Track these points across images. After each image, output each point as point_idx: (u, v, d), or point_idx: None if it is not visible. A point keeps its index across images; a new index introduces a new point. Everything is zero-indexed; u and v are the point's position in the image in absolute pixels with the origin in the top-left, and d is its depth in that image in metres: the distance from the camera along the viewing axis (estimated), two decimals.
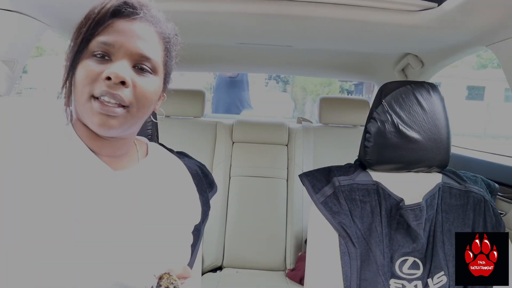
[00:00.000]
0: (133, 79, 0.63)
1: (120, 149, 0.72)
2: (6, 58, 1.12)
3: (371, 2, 1.10)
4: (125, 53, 0.62)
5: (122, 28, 0.62)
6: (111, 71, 0.60)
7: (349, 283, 1.03)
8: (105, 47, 0.61)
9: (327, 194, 1.10)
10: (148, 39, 0.65)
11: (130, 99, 0.63)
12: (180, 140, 2.02)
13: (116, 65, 0.61)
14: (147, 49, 0.64)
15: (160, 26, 0.68)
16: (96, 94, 0.61)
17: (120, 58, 0.62)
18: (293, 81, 13.66)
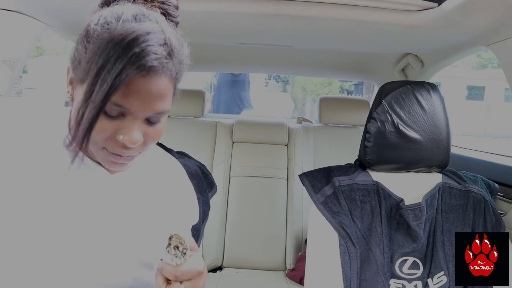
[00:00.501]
0: (145, 131, 0.61)
1: None
2: (6, 58, 1.12)
3: (371, 2, 1.10)
4: (140, 113, 0.58)
5: (138, 88, 0.55)
6: (127, 139, 0.58)
7: (349, 283, 1.03)
8: (120, 109, 0.57)
9: (327, 194, 1.10)
10: (163, 94, 0.59)
11: (142, 148, 0.62)
12: (180, 140, 2.02)
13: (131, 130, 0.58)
14: (161, 105, 0.59)
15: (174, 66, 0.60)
16: (108, 150, 0.60)
17: (134, 118, 0.58)
18: (293, 81, 13.67)
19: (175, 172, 0.85)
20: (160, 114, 0.60)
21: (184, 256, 0.58)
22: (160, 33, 0.56)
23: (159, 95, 0.58)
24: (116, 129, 0.58)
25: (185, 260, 0.58)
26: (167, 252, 0.57)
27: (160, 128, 0.63)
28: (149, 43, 0.53)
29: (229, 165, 2.11)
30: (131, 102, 0.56)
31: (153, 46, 0.54)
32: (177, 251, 0.58)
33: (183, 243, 0.58)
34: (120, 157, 0.61)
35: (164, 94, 0.59)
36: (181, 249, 0.58)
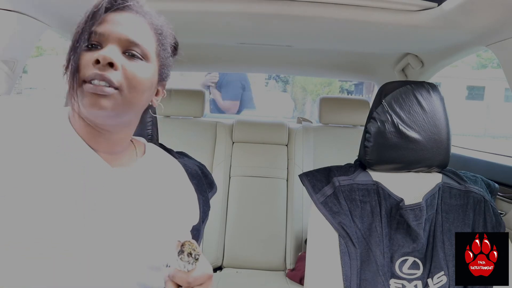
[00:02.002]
0: (123, 64, 0.64)
1: (117, 144, 0.72)
2: (6, 58, 1.12)
3: (371, 2, 1.10)
4: (113, 39, 0.64)
5: (112, 19, 0.65)
6: (100, 53, 0.62)
7: (349, 283, 1.03)
8: (96, 37, 0.64)
9: (327, 194, 1.10)
10: (137, 27, 0.67)
11: (120, 81, 0.64)
12: (180, 140, 2.02)
13: (104, 49, 0.63)
14: (136, 35, 0.66)
15: (151, 17, 0.70)
16: (87, 78, 0.62)
17: (109, 43, 0.64)
18: (293, 81, 13.66)
19: (176, 172, 0.85)
20: (136, 46, 0.66)
21: (196, 262, 0.58)
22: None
23: (133, 25, 0.66)
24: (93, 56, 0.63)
25: (196, 266, 0.58)
26: (180, 259, 0.58)
27: (138, 70, 0.66)
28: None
29: (229, 165, 2.11)
30: (104, 28, 0.64)
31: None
32: (190, 258, 0.58)
33: (195, 249, 0.58)
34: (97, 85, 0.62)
35: (139, 27, 0.67)
36: (194, 255, 0.58)
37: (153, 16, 0.71)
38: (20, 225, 0.59)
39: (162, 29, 0.72)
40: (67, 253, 0.61)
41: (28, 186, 0.60)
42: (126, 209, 0.69)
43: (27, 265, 0.59)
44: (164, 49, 0.73)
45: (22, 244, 0.59)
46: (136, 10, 0.68)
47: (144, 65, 0.67)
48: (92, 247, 0.63)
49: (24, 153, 0.62)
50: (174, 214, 0.78)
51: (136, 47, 0.66)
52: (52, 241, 0.60)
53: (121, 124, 0.70)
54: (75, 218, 0.63)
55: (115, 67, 0.63)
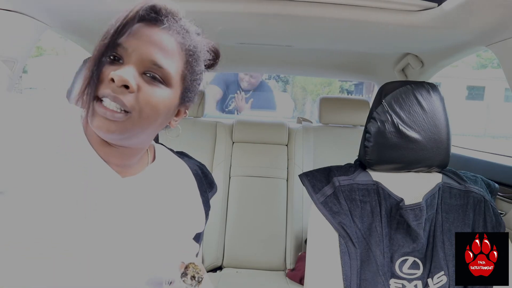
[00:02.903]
0: (139, 85, 0.61)
1: (129, 158, 0.70)
2: (6, 58, 1.12)
3: (371, 2, 1.09)
4: (136, 58, 0.60)
5: (140, 33, 0.61)
6: (116, 73, 0.58)
7: (349, 283, 1.03)
8: (119, 49, 0.60)
9: (327, 194, 1.10)
10: (165, 48, 0.62)
11: (132, 104, 0.60)
12: (180, 140, 2.00)
13: (123, 69, 0.59)
14: (161, 57, 0.61)
15: (184, 37, 0.65)
16: (99, 95, 0.60)
17: (131, 63, 0.60)
18: (293, 81, 13.66)
19: (185, 179, 0.84)
20: (157, 69, 0.61)
21: (199, 285, 0.58)
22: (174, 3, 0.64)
23: (160, 45, 0.61)
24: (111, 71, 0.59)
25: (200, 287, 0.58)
26: (183, 281, 0.57)
27: (156, 95, 0.62)
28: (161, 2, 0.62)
29: (229, 165, 2.11)
30: (130, 41, 0.60)
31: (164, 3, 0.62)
32: (193, 281, 0.58)
33: (199, 272, 0.58)
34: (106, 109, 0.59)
35: (166, 49, 0.62)
36: (197, 278, 0.58)
37: (186, 35, 0.65)
38: (20, 225, 0.59)
39: (196, 51, 0.67)
40: (67, 253, 0.61)
41: (30, 186, 0.60)
42: (130, 214, 0.68)
43: (27, 265, 0.59)
44: (192, 72, 0.68)
45: (22, 244, 0.58)
46: (169, 27, 0.63)
47: (164, 90, 0.63)
48: (93, 248, 0.63)
49: (30, 153, 0.61)
50: (179, 222, 0.77)
51: (158, 69, 0.62)
52: (52, 241, 0.60)
53: (132, 144, 0.67)
54: (76, 219, 0.63)
55: (130, 89, 0.59)
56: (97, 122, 0.60)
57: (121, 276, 0.65)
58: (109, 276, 0.64)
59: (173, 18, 0.64)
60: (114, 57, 0.61)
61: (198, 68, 0.69)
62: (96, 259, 0.63)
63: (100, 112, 0.60)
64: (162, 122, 0.68)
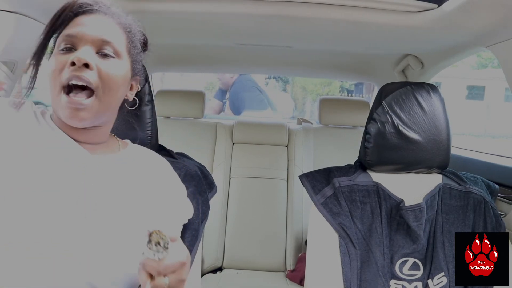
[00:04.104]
0: (97, 64, 0.68)
1: (96, 136, 0.76)
2: (6, 59, 1.12)
3: (371, 3, 1.10)
4: (87, 40, 0.68)
5: (83, 21, 0.69)
6: (74, 55, 0.66)
7: (349, 284, 1.03)
8: (69, 39, 0.68)
9: (327, 195, 1.10)
10: (107, 27, 0.71)
11: (96, 81, 0.67)
12: (180, 141, 2.02)
13: (79, 51, 0.67)
14: (106, 34, 0.70)
15: (119, 17, 0.75)
16: (64, 80, 0.66)
17: (83, 45, 0.68)
18: (293, 81, 13.66)
19: (160, 165, 0.86)
20: (108, 44, 0.69)
21: (166, 250, 0.57)
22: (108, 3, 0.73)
23: (104, 26, 0.70)
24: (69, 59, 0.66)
25: (168, 253, 0.58)
26: (149, 248, 0.57)
27: (111, 68, 0.70)
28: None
29: (229, 166, 2.11)
30: (77, 30, 0.68)
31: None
32: (158, 247, 0.57)
33: (163, 238, 0.57)
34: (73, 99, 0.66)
35: (109, 27, 0.71)
36: (162, 244, 0.57)
37: (121, 15, 0.76)
38: (20, 225, 0.59)
39: (131, 27, 0.76)
40: (67, 253, 0.61)
41: (25, 185, 0.61)
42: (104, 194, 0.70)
43: (27, 265, 0.59)
44: (134, 46, 0.77)
45: (22, 244, 0.59)
46: (104, 12, 0.73)
47: (117, 62, 0.71)
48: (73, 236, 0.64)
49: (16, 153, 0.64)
50: (159, 206, 0.78)
51: (108, 45, 0.70)
52: (52, 241, 0.60)
53: (100, 122, 0.74)
54: (75, 218, 0.64)
55: (90, 67, 0.66)
56: (68, 113, 0.67)
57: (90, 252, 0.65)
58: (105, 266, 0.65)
59: (104, 5, 0.73)
60: (66, 48, 0.68)
61: (137, 42, 0.78)
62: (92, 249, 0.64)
63: (68, 103, 0.66)
64: (121, 95, 0.76)
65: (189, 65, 2.26)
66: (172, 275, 0.58)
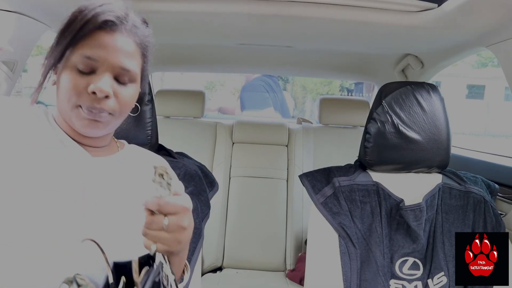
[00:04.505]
0: (115, 90, 0.68)
1: (101, 140, 0.77)
2: (6, 59, 1.12)
3: (372, 3, 1.10)
4: (108, 67, 0.66)
5: (104, 42, 0.66)
6: (96, 87, 0.64)
7: (349, 284, 1.03)
8: (89, 61, 0.65)
9: (327, 194, 1.10)
10: (128, 52, 0.69)
11: (114, 108, 0.68)
12: (180, 140, 2.02)
13: (100, 80, 0.65)
14: (128, 62, 0.68)
15: (138, 35, 0.72)
16: (83, 105, 0.66)
17: (103, 72, 0.66)
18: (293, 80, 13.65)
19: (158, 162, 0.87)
20: (127, 72, 0.68)
21: (169, 187, 0.57)
22: (122, 5, 0.68)
23: (125, 51, 0.68)
24: (88, 83, 0.65)
25: (170, 192, 0.58)
26: (152, 181, 0.57)
27: (129, 94, 0.70)
28: (110, 6, 0.66)
29: (229, 166, 2.11)
30: (98, 54, 0.65)
31: (112, 5, 0.66)
32: (162, 180, 0.57)
33: (167, 172, 0.58)
34: (92, 112, 0.66)
35: (129, 52, 0.69)
36: (166, 178, 0.57)
37: (140, 31, 0.72)
38: (19, 225, 0.59)
39: (148, 43, 0.75)
40: (67, 253, 0.61)
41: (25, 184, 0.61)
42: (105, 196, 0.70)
43: (27, 265, 0.59)
44: (147, 62, 0.77)
45: (22, 244, 0.59)
46: (126, 29, 0.69)
47: (132, 87, 0.72)
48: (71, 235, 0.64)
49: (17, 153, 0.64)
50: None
51: (127, 73, 0.69)
52: (52, 240, 0.60)
53: (107, 132, 0.75)
54: (74, 217, 0.64)
55: (109, 97, 0.67)
56: (86, 123, 0.67)
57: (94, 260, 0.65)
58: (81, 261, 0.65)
59: (125, 20, 0.69)
60: (85, 71, 0.66)
61: (150, 56, 0.77)
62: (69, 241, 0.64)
63: (87, 115, 0.67)
64: None
65: (189, 65, 2.26)
66: (172, 217, 0.58)
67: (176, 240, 0.59)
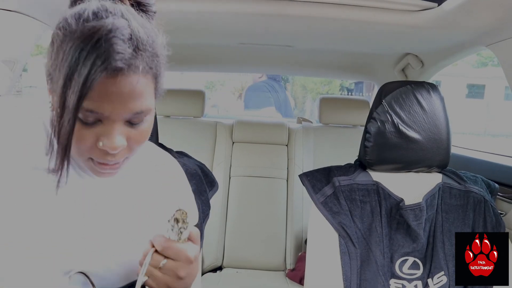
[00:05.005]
0: (129, 134, 0.58)
1: None
2: (6, 58, 1.12)
3: (372, 2, 1.09)
4: (116, 117, 0.55)
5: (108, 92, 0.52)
6: (106, 144, 0.55)
7: (349, 283, 1.03)
8: (93, 114, 0.53)
9: (327, 194, 1.10)
10: (139, 92, 0.55)
11: (129, 151, 0.60)
12: (180, 140, 2.02)
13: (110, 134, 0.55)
14: (139, 104, 0.56)
15: (148, 57, 0.56)
16: (95, 159, 0.59)
17: (112, 122, 0.55)
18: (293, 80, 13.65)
19: (171, 171, 0.83)
20: (140, 114, 0.57)
21: (179, 235, 0.57)
22: (124, 28, 0.52)
23: (133, 94, 0.54)
24: (96, 136, 0.55)
25: (179, 239, 0.57)
26: (167, 221, 0.57)
27: (144, 128, 0.60)
28: (112, 42, 0.50)
29: (229, 165, 2.11)
30: (104, 107, 0.53)
31: (117, 44, 0.50)
32: (175, 225, 0.57)
33: (184, 221, 0.57)
34: (105, 165, 0.59)
35: (139, 92, 0.55)
36: (180, 225, 0.57)
37: (148, 52, 0.56)
38: (19, 225, 0.59)
39: (163, 67, 0.61)
40: (67, 253, 0.61)
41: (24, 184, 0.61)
42: (112, 215, 0.68)
43: (27, 265, 0.59)
44: (160, 81, 0.62)
45: (22, 244, 0.59)
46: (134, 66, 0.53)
47: (148, 119, 0.60)
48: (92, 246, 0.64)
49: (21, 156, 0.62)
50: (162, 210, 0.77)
51: (141, 114, 0.57)
52: (52, 240, 0.60)
53: None
54: (74, 217, 0.63)
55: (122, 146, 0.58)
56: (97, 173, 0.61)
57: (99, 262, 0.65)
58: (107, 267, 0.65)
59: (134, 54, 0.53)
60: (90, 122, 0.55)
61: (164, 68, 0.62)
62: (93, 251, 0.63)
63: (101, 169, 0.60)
64: None
65: (189, 64, 2.26)
66: (171, 262, 0.57)
67: (166, 285, 0.59)
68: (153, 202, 0.74)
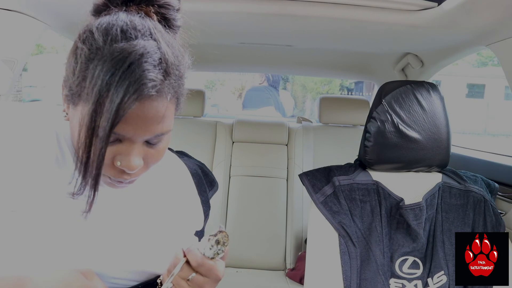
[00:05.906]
0: (146, 154, 0.58)
1: None
2: (6, 58, 1.12)
3: (371, 1, 1.10)
4: (137, 139, 0.55)
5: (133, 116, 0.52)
6: (124, 164, 0.55)
7: (349, 283, 1.03)
8: (115, 136, 0.53)
9: (327, 193, 1.10)
10: (163, 116, 0.55)
11: (144, 170, 0.60)
12: (180, 139, 2.02)
13: (129, 155, 0.55)
14: (161, 127, 0.56)
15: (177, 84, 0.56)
16: (111, 177, 0.58)
17: (132, 143, 0.55)
18: (293, 79, 13.66)
19: (182, 177, 0.83)
20: (160, 136, 0.57)
21: (216, 256, 0.59)
22: (154, 52, 0.51)
23: (157, 118, 0.54)
24: (114, 155, 0.55)
25: (214, 258, 0.59)
26: (208, 240, 0.58)
27: (162, 147, 0.60)
28: (144, 68, 0.49)
29: (229, 165, 2.11)
30: (127, 129, 0.52)
31: (149, 71, 0.50)
32: (214, 245, 0.59)
33: (225, 243, 0.59)
34: (121, 183, 0.59)
35: (163, 116, 0.55)
36: (219, 247, 0.59)
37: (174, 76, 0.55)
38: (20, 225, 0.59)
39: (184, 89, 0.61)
40: (83, 257, 0.61)
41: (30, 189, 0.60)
42: (128, 212, 0.68)
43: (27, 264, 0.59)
44: (181, 102, 0.63)
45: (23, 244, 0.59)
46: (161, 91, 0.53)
47: (165, 138, 0.60)
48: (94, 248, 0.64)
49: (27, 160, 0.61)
50: (177, 218, 0.77)
51: (160, 136, 0.58)
52: (53, 241, 0.60)
53: None
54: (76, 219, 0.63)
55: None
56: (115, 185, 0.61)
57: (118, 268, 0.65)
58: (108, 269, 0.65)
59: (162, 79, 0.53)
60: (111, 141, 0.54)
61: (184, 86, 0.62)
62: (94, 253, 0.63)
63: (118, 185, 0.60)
64: None
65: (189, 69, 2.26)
66: (199, 277, 0.59)
67: None
68: (166, 205, 0.75)
